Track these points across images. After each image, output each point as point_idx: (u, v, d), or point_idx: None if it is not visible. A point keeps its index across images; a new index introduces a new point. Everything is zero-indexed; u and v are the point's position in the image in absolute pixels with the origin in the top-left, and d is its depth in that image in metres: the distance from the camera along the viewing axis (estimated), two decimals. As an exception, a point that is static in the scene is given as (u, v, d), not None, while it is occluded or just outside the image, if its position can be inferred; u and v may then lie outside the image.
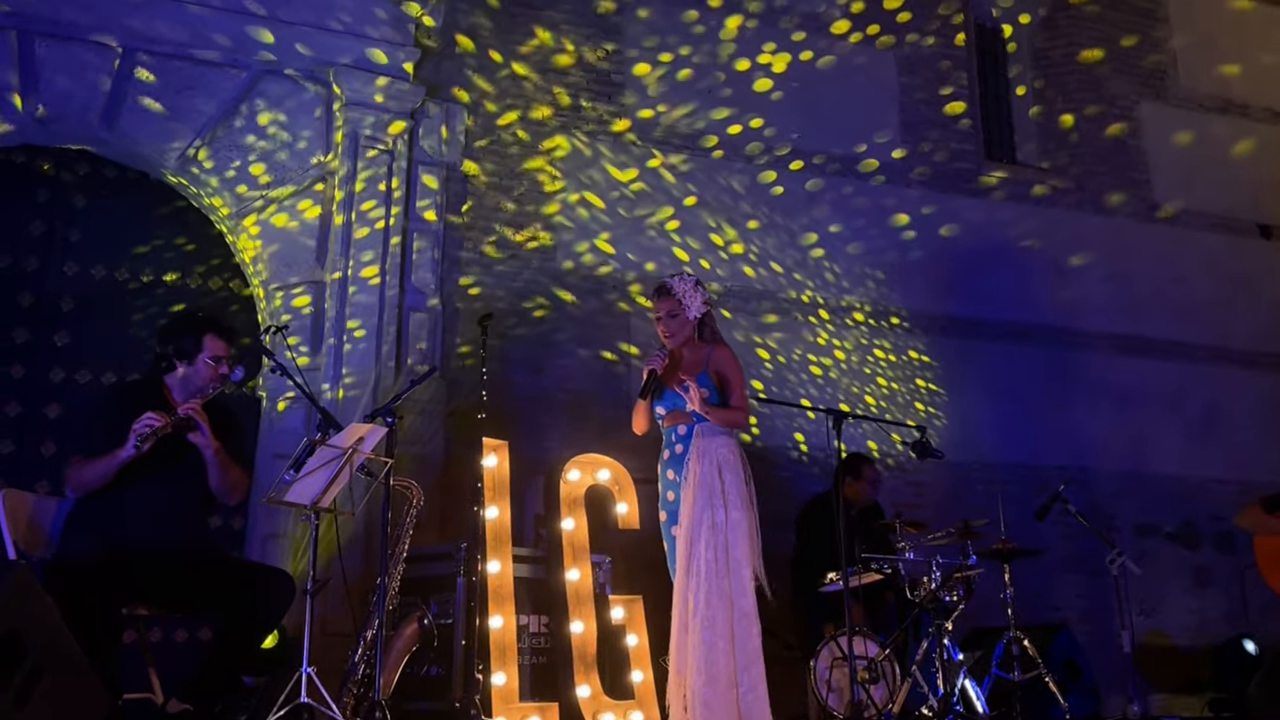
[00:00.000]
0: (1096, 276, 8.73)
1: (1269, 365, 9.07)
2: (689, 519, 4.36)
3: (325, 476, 3.60)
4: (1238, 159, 9.47)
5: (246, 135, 6.58)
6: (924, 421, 7.96)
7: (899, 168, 8.35)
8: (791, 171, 8.00)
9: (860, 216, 8.18)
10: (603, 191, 7.42)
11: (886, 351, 8.00)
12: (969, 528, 5.43)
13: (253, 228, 6.57)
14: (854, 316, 7.96)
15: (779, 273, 7.82)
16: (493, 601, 4.48)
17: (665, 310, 4.64)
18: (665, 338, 4.65)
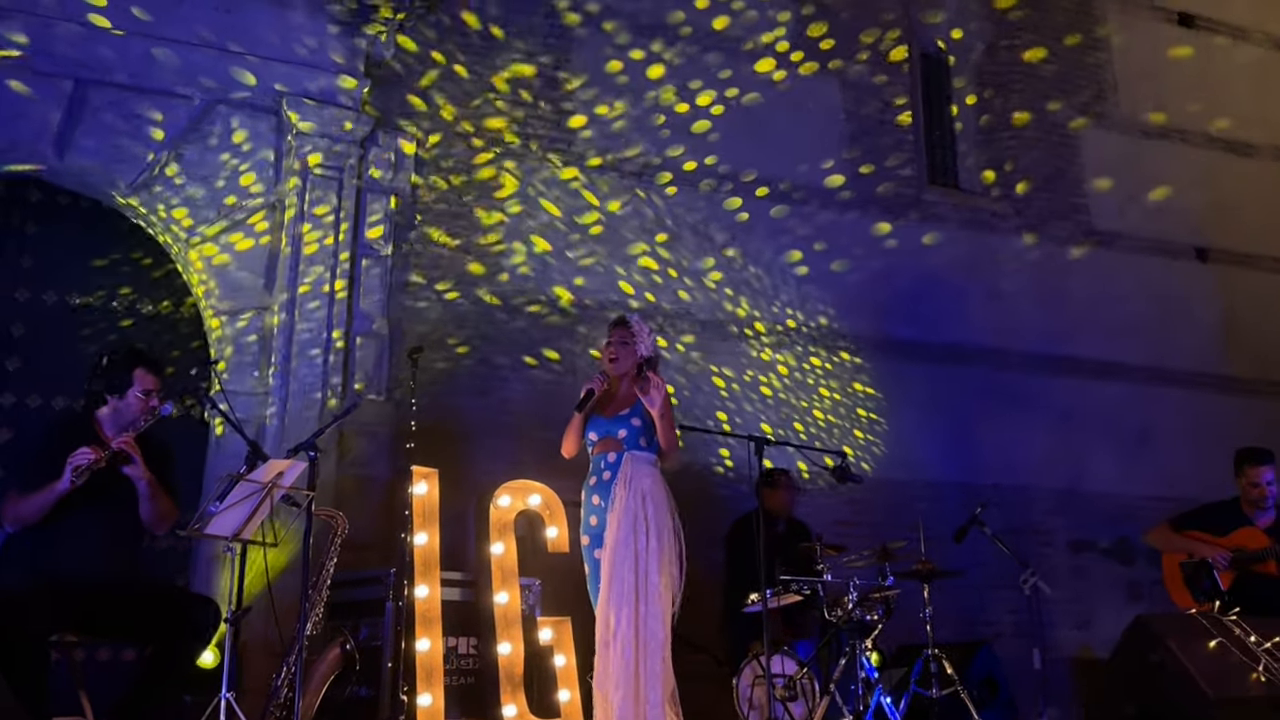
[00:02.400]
0: (1035, 298, 8.96)
1: (1203, 385, 9.32)
2: (613, 544, 4.56)
3: (246, 509, 3.77)
4: (1175, 183, 9.72)
5: (197, 163, 6.72)
6: (863, 442, 8.19)
7: (841, 192, 8.55)
8: (735, 196, 8.20)
9: (802, 240, 8.38)
10: (549, 218, 7.60)
11: (827, 374, 8.20)
12: (887, 549, 5.63)
13: (203, 253, 6.71)
14: (796, 339, 8.15)
15: (720, 296, 8.01)
16: (421, 625, 4.65)
17: (618, 338, 4.89)
18: (610, 362, 4.87)
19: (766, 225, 8.25)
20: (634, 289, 7.75)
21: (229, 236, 6.74)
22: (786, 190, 8.35)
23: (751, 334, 8.02)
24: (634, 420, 4.72)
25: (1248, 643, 2.54)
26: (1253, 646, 2.53)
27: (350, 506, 6.55)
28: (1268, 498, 5.70)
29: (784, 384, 8.06)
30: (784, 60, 8.57)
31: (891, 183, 8.75)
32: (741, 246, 8.14)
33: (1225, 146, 10.06)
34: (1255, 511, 5.72)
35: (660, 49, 8.17)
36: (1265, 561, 5.46)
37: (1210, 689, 2.43)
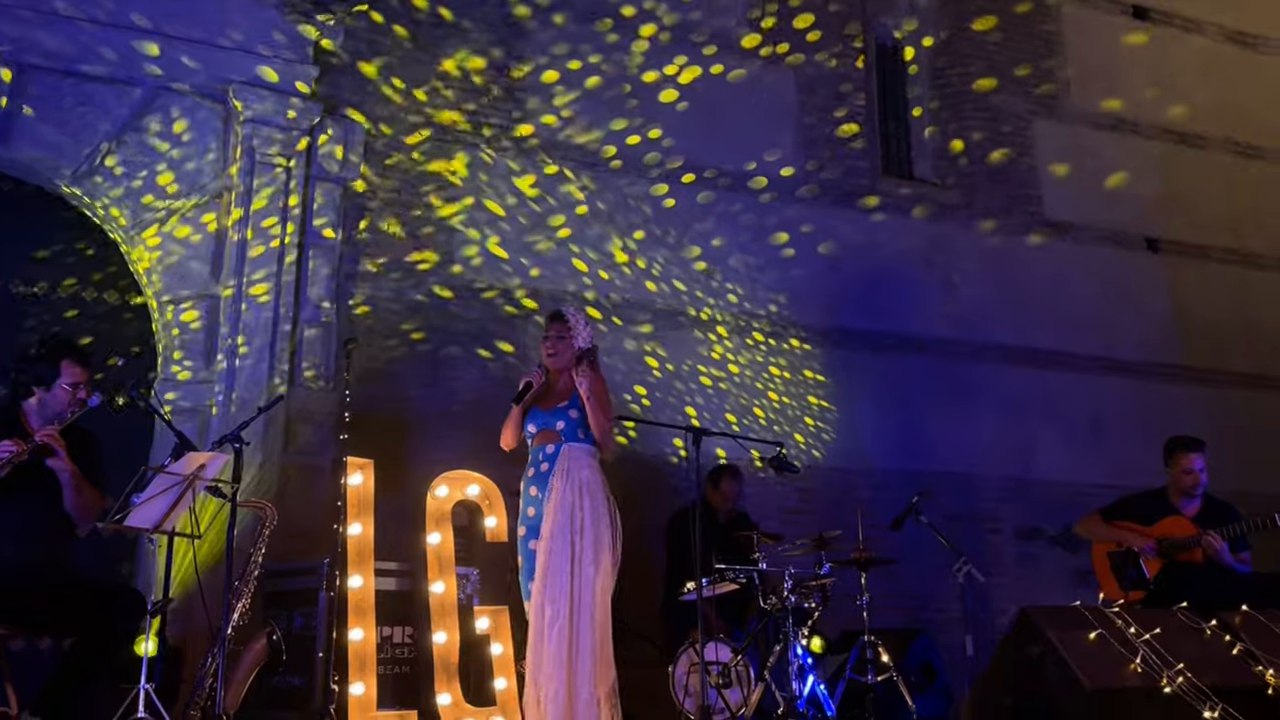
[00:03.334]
0: (988, 289, 9.03)
1: (1152, 374, 9.41)
2: (549, 536, 4.59)
3: (168, 501, 3.78)
4: (1127, 174, 9.80)
5: (142, 151, 6.69)
6: (813, 431, 8.25)
7: (796, 183, 8.59)
8: (689, 185, 8.22)
9: (756, 231, 8.41)
10: (502, 207, 7.60)
11: (780, 365, 8.25)
12: (823, 538, 5.69)
13: (148, 242, 6.69)
14: (749, 330, 8.19)
15: (673, 285, 8.04)
16: (354, 615, 4.68)
17: (555, 332, 4.91)
18: (548, 356, 4.90)
19: (719, 215, 8.28)
20: (587, 279, 7.76)
21: (174, 225, 6.72)
22: (740, 180, 8.38)
23: (704, 323, 8.06)
24: (571, 412, 4.75)
25: (1127, 634, 2.59)
26: (1132, 638, 2.58)
27: (296, 496, 6.58)
28: (1199, 485, 5.78)
29: (735, 373, 8.10)
30: (738, 49, 8.58)
31: (845, 172, 8.79)
32: (694, 236, 8.16)
33: (1177, 138, 10.13)
34: (1183, 500, 5.80)
35: (615, 39, 8.17)
36: (1191, 550, 5.55)
37: (1087, 680, 2.47)
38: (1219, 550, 5.49)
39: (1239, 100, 10.40)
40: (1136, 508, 5.86)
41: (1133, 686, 2.52)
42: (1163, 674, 2.52)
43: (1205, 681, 2.58)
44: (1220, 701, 2.50)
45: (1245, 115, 10.41)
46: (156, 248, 6.69)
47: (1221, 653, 2.74)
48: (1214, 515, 5.71)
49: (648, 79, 8.24)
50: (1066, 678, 2.50)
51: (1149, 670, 2.53)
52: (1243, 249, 10.13)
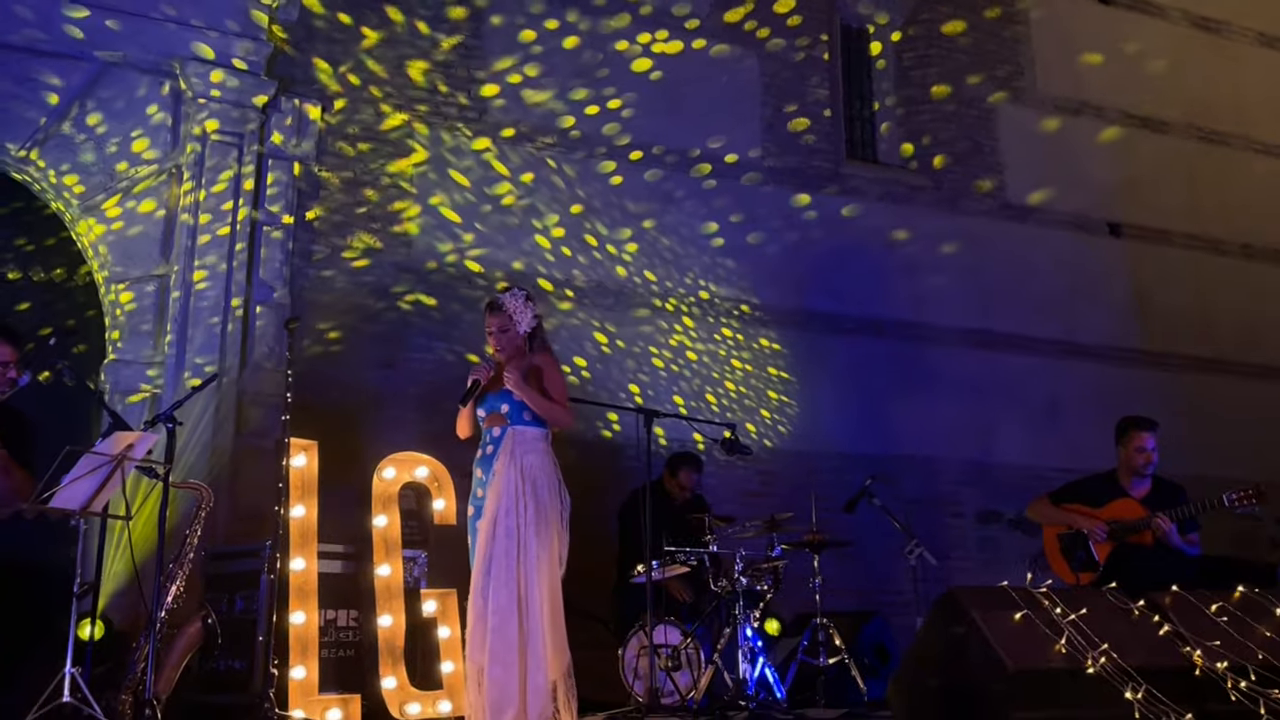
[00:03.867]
0: (949, 272, 9.02)
1: (1112, 359, 9.44)
2: (491, 516, 4.54)
3: (94, 482, 3.71)
4: (1091, 159, 9.81)
5: (91, 129, 6.58)
6: (774, 413, 8.23)
7: (759, 165, 8.55)
8: (651, 165, 8.17)
9: (719, 212, 8.37)
10: (461, 187, 7.53)
11: (741, 346, 8.22)
12: (775, 520, 5.67)
13: (97, 222, 6.58)
14: (709, 311, 8.15)
15: (636, 266, 7.99)
16: (296, 598, 4.62)
17: (497, 326, 4.80)
18: (497, 352, 4.80)
19: (681, 197, 8.23)
20: (546, 260, 7.70)
21: (124, 203, 6.62)
22: (703, 162, 8.33)
23: (664, 306, 8.01)
24: (517, 394, 4.68)
25: (1053, 614, 2.56)
26: (1058, 618, 2.56)
27: (248, 477, 6.51)
28: (1150, 464, 5.78)
29: (694, 357, 8.06)
30: (702, 32, 8.52)
31: (810, 156, 8.76)
32: (655, 218, 8.12)
33: (1140, 123, 10.14)
34: (1133, 481, 5.80)
35: (575, 19, 8.09)
36: (1141, 533, 5.55)
37: (1010, 661, 2.45)
38: (1168, 532, 5.50)
39: (1202, 86, 10.44)
40: (1086, 490, 5.86)
41: (1057, 667, 2.49)
42: (1087, 654, 2.50)
43: (1131, 662, 2.56)
44: (1144, 683, 2.47)
45: (1208, 101, 10.44)
46: (104, 226, 6.58)
47: (1149, 633, 2.72)
48: (1163, 497, 5.71)
49: (612, 57, 8.16)
50: (990, 658, 2.47)
51: (1074, 651, 2.50)
52: (1204, 235, 10.16)
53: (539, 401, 4.56)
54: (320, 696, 4.58)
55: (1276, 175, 10.58)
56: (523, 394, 4.53)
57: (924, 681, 2.68)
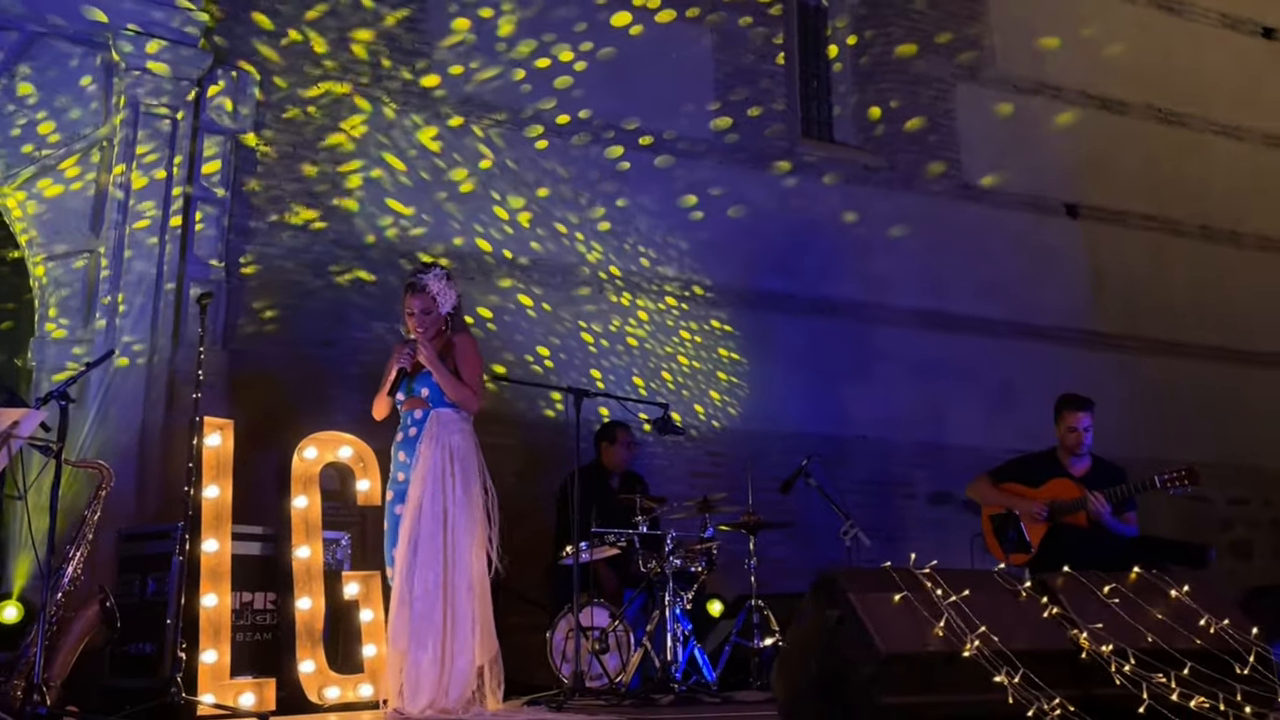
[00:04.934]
0: (904, 253, 8.94)
1: (1068, 340, 9.39)
2: (415, 500, 4.47)
3: (-24, 459, 3.59)
4: (1048, 139, 9.74)
5: (19, 99, 6.42)
6: (725, 393, 8.15)
7: (713, 142, 8.45)
8: (602, 144, 8.05)
9: (671, 190, 8.27)
10: (404, 162, 7.40)
11: (691, 327, 8.13)
12: (708, 501, 5.60)
13: (24, 194, 6.43)
14: (660, 292, 8.06)
15: (584, 245, 7.88)
16: (209, 580, 4.51)
17: (419, 307, 4.74)
18: (416, 332, 4.73)
19: (631, 176, 8.12)
20: (492, 237, 7.59)
21: (52, 177, 6.46)
22: (653, 141, 8.21)
23: (612, 286, 7.91)
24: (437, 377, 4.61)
25: (934, 596, 2.48)
26: (938, 600, 2.48)
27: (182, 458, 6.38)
28: (1084, 443, 5.74)
29: (645, 335, 7.97)
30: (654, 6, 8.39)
31: (764, 134, 8.65)
32: (604, 196, 8.01)
33: (1099, 104, 10.08)
34: (1070, 459, 5.75)
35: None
36: (1077, 513, 5.50)
37: (883, 645, 2.37)
38: (1101, 511, 5.45)
39: (1162, 66, 10.38)
40: (1025, 469, 5.81)
41: (932, 651, 2.41)
42: (966, 637, 2.42)
43: (1015, 645, 2.48)
44: (1022, 666, 2.40)
45: (1168, 82, 10.38)
46: (32, 201, 6.43)
47: (1035, 616, 2.65)
48: (1102, 476, 5.67)
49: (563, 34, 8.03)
50: (863, 642, 2.39)
51: (952, 634, 2.43)
52: (1162, 216, 10.12)
53: (449, 382, 4.49)
54: (233, 680, 4.48)
55: (1236, 156, 10.55)
56: (437, 374, 4.46)
57: (802, 666, 2.60)
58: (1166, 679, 2.49)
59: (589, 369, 7.71)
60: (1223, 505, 9.87)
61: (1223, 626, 2.69)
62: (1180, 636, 2.65)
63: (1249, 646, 2.67)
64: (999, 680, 2.30)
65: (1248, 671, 2.63)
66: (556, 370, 7.61)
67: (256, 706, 4.44)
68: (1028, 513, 5.54)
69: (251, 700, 4.46)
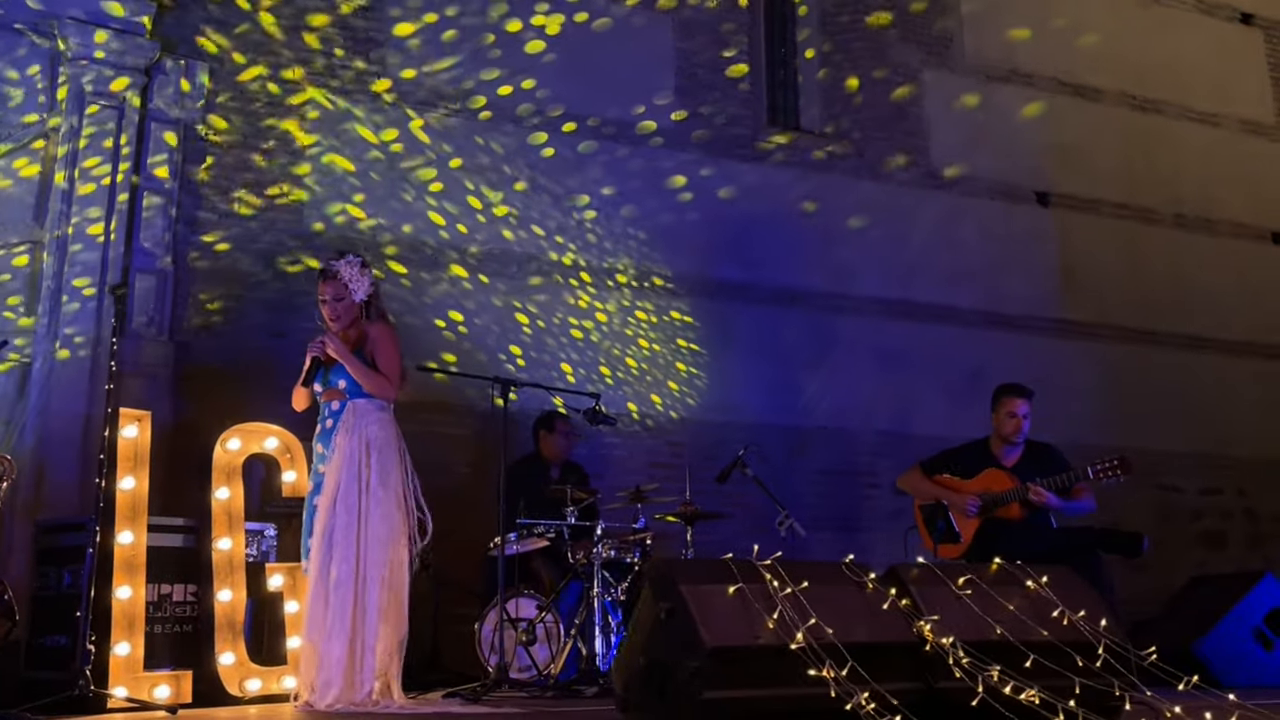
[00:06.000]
0: (869, 241, 8.87)
1: (1038, 329, 9.32)
2: (329, 492, 4.44)
3: None
4: (1019, 127, 9.66)
5: (-39, 90, 6.40)
6: (683, 382, 8.10)
7: (674, 131, 8.38)
8: (562, 134, 8.00)
9: (632, 180, 8.21)
10: (358, 151, 7.36)
11: (649, 314, 8.08)
12: (640, 491, 5.55)
13: (-34, 186, 6.41)
14: (618, 280, 8.01)
15: (542, 236, 7.84)
16: (123, 572, 4.48)
17: (331, 294, 4.74)
18: (330, 321, 4.72)
19: (590, 165, 8.06)
20: (452, 228, 7.55)
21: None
22: (613, 130, 8.16)
23: (567, 275, 7.86)
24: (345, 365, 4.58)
25: (770, 589, 2.43)
26: (774, 593, 2.42)
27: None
28: (1021, 431, 5.68)
29: (603, 322, 7.92)
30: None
31: (727, 122, 8.59)
32: (562, 187, 7.95)
33: (1072, 90, 9.99)
34: (1004, 449, 5.70)
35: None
36: (1009, 505, 5.45)
37: (709, 638, 2.32)
38: (1047, 499, 5.39)
39: (1136, 52, 10.27)
40: (958, 460, 5.76)
41: (760, 644, 2.36)
42: (797, 630, 2.37)
43: (853, 638, 2.43)
44: (861, 658, 2.34)
45: (1143, 68, 10.28)
46: (-25, 191, 6.40)
47: (877, 608, 2.59)
48: (1034, 461, 5.61)
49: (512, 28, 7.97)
50: (690, 635, 2.34)
51: (784, 627, 2.37)
52: (1135, 204, 10.02)
53: (362, 372, 4.47)
54: (147, 673, 4.45)
55: (1211, 143, 10.44)
56: (348, 365, 4.43)
57: (634, 659, 2.56)
58: (1006, 672, 2.43)
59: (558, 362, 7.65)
60: (1194, 495, 9.79)
61: (1077, 619, 2.64)
62: (1030, 629, 2.60)
63: (1099, 640, 2.61)
64: (824, 673, 2.24)
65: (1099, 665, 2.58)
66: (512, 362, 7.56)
67: (172, 699, 4.41)
68: (959, 506, 5.48)
69: (166, 693, 4.43)
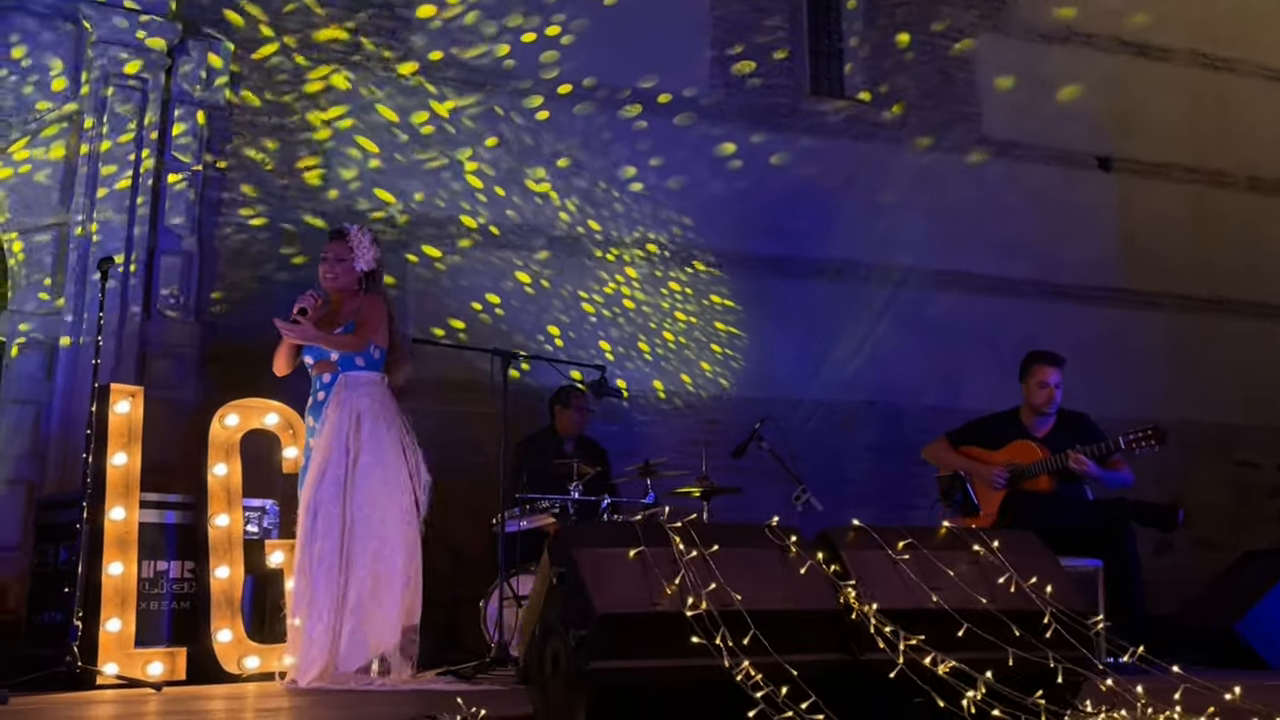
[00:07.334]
0: (918, 211, 8.56)
1: (1096, 299, 8.94)
2: (317, 465, 4.37)
3: None
4: (1078, 90, 9.25)
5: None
6: (720, 359, 7.92)
7: (712, 102, 8.18)
8: (596, 106, 7.85)
9: (668, 153, 8.02)
10: (382, 130, 7.29)
11: (686, 292, 7.91)
12: (649, 466, 5.40)
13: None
14: (653, 256, 7.84)
15: (572, 210, 7.70)
16: (115, 548, 4.45)
17: (333, 254, 4.74)
18: (326, 279, 4.69)
19: (624, 137, 7.90)
20: (472, 204, 7.45)
21: (23, 149, 6.49)
22: (649, 100, 7.98)
23: (603, 250, 7.71)
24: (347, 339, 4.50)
25: (675, 553, 2.25)
26: (678, 557, 2.24)
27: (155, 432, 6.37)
28: (1053, 401, 5.40)
29: (642, 299, 7.78)
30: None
31: (766, 90, 8.36)
32: (597, 160, 7.80)
33: (1136, 50, 9.53)
34: (1035, 419, 5.42)
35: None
36: (1037, 477, 5.17)
37: (599, 604, 2.16)
38: (1088, 467, 5.11)
39: (1203, 9, 9.78)
40: (986, 430, 5.50)
41: (657, 611, 2.19)
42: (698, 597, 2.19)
43: (768, 605, 2.24)
44: (756, 627, 2.16)
45: (1213, 24, 9.78)
46: (2, 174, 6.46)
47: (800, 574, 2.40)
48: (1067, 432, 5.32)
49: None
50: (580, 602, 2.18)
51: (686, 593, 2.20)
52: (1204, 168, 9.55)
53: (331, 342, 4.39)
54: (139, 650, 4.42)
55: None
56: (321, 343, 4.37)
57: (532, 627, 2.40)
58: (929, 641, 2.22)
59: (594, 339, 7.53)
60: (1271, 471, 9.33)
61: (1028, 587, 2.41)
62: (968, 597, 2.39)
63: (1045, 608, 2.38)
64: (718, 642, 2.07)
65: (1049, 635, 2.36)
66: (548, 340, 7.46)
67: (165, 676, 4.38)
68: (986, 479, 5.22)
69: (160, 669, 4.40)
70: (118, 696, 4.03)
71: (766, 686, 1.99)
